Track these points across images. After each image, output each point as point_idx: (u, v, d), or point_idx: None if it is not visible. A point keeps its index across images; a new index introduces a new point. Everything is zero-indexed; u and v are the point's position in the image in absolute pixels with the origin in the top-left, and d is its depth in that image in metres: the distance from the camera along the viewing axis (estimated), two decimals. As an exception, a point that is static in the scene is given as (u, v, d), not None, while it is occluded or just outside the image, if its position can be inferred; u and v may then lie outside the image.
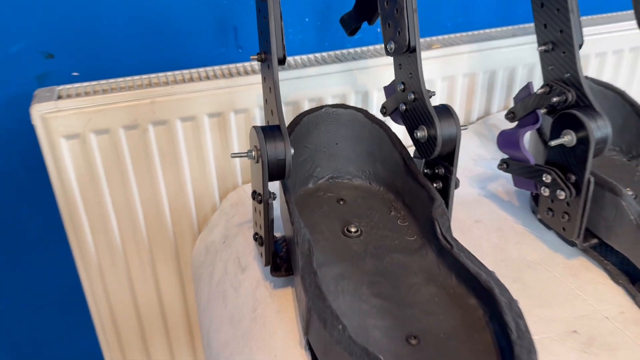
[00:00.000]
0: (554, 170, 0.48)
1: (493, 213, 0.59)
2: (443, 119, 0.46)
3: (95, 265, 0.65)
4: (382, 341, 0.38)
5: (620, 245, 0.47)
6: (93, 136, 0.59)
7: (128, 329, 0.69)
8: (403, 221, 0.51)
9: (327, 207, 0.53)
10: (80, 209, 0.62)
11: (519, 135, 0.50)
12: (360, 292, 0.42)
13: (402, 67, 0.49)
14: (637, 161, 0.57)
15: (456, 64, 0.70)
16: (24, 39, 0.60)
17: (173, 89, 0.60)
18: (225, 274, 0.55)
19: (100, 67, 0.63)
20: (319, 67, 0.65)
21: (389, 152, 0.54)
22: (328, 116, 0.54)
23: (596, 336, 0.44)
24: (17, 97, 0.62)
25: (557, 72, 0.48)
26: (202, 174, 0.65)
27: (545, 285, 0.49)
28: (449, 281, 0.43)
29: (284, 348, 0.43)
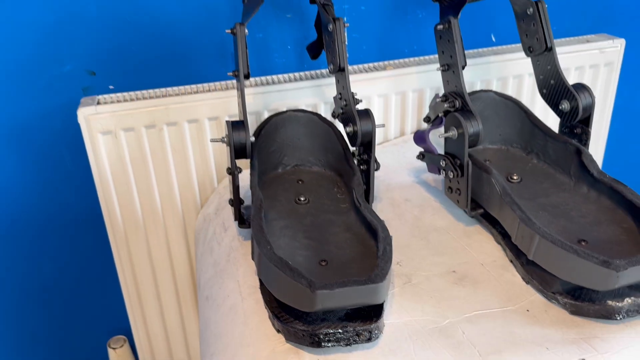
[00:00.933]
0: (447, 157, 0.65)
1: (420, 194, 0.76)
2: (363, 119, 0.64)
3: (121, 233, 0.85)
4: (302, 262, 0.56)
5: (493, 211, 0.64)
6: (122, 133, 0.79)
7: (145, 282, 0.88)
8: (341, 195, 0.69)
9: (288, 185, 0.72)
10: (112, 188, 0.82)
11: (426, 133, 0.68)
12: (296, 236, 0.61)
13: (339, 82, 0.68)
14: (531, 155, 0.73)
15: (407, 82, 0.88)
16: (74, 61, 0.81)
17: (182, 98, 0.80)
18: (214, 234, 0.74)
19: (129, 82, 0.84)
20: (296, 82, 0.84)
21: (335, 145, 0.72)
22: (291, 118, 0.73)
23: (468, 275, 0.60)
24: (68, 104, 0.83)
25: (450, 86, 0.66)
26: (204, 164, 0.84)
27: (443, 243, 0.66)
28: (360, 231, 0.60)
29: (244, 275, 0.62)
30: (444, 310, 0.55)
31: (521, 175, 0.70)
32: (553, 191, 0.67)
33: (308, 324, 0.51)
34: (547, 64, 0.68)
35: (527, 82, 0.92)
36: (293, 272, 0.49)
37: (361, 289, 0.47)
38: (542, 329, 0.52)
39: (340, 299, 0.47)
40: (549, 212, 0.63)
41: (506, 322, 0.53)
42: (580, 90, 0.66)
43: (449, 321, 0.54)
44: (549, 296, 0.56)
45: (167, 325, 0.93)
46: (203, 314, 0.65)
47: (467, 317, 0.54)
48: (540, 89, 0.71)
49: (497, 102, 0.74)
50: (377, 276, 0.48)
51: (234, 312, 0.58)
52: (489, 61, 0.90)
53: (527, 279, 0.58)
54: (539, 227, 0.55)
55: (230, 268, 0.65)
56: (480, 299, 0.57)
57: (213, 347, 0.57)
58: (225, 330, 0.57)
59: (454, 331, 0.52)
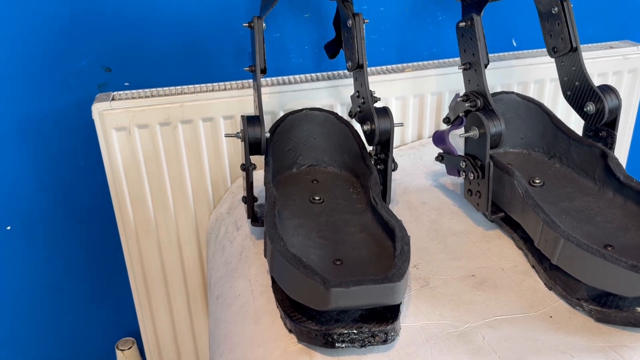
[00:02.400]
0: (467, 158, 0.63)
1: (437, 198, 0.74)
2: (381, 117, 0.63)
3: (132, 231, 0.84)
4: (316, 261, 0.54)
5: (515, 214, 0.61)
6: (136, 129, 0.78)
7: (156, 283, 0.87)
8: (357, 195, 0.67)
9: (303, 184, 0.70)
10: (124, 185, 0.81)
11: (445, 133, 0.66)
12: (310, 235, 0.59)
13: (357, 79, 0.66)
14: (554, 159, 0.71)
15: (426, 85, 0.86)
16: (90, 56, 0.81)
17: (197, 96, 0.79)
18: (226, 233, 0.73)
19: (145, 79, 0.83)
20: (312, 83, 0.83)
21: (352, 144, 0.70)
22: (307, 117, 0.72)
23: (488, 279, 0.58)
24: (84, 100, 0.83)
25: (472, 85, 0.64)
26: (218, 163, 0.83)
27: (462, 247, 0.64)
28: (376, 231, 0.59)
29: (256, 274, 0.60)
30: (463, 315, 0.53)
31: (543, 179, 0.67)
32: (577, 196, 0.64)
33: (321, 324, 0.49)
34: (572, 65, 0.66)
35: (549, 87, 0.90)
36: (307, 268, 0.47)
37: (378, 288, 0.46)
38: (567, 336, 0.50)
39: (356, 298, 0.46)
40: (573, 217, 0.61)
41: (528, 328, 0.51)
42: (607, 92, 0.64)
43: (468, 326, 0.51)
44: (573, 302, 0.53)
45: (176, 328, 0.92)
46: (213, 314, 0.64)
47: (487, 322, 0.52)
48: (564, 91, 0.69)
49: (520, 105, 0.72)
50: (394, 275, 0.46)
51: (245, 311, 0.56)
52: (510, 65, 0.88)
53: (550, 284, 0.56)
54: (564, 230, 0.53)
55: (242, 267, 0.63)
56: (500, 304, 0.54)
57: (222, 347, 0.55)
58: (235, 330, 0.55)
59: (473, 336, 0.50)
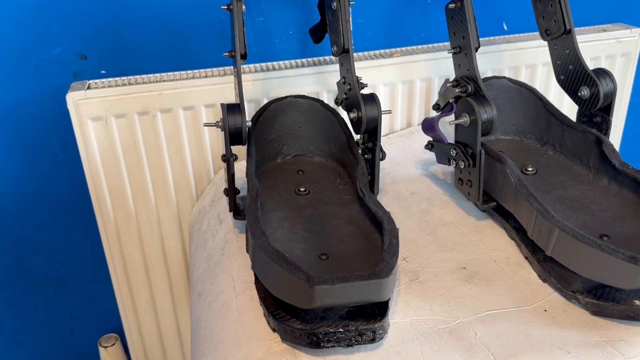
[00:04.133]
0: (458, 145, 0.61)
1: (427, 187, 0.71)
2: (368, 104, 0.60)
3: (112, 225, 0.81)
4: (300, 256, 0.51)
5: (507, 204, 0.59)
6: (113, 119, 0.75)
7: (138, 278, 0.84)
8: (344, 186, 0.65)
9: (288, 175, 0.67)
10: (102, 178, 0.78)
11: (435, 120, 0.64)
12: (295, 229, 0.56)
13: (343, 64, 0.63)
14: (547, 146, 0.69)
15: (415, 70, 0.83)
16: (64, 43, 0.77)
17: (177, 84, 0.76)
18: (208, 226, 0.70)
19: (122, 67, 0.80)
20: (298, 69, 0.80)
21: (339, 133, 0.68)
22: (291, 104, 0.69)
23: (480, 272, 0.56)
24: (58, 89, 0.79)
25: (462, 69, 0.62)
26: (200, 153, 0.80)
27: (452, 238, 0.62)
28: (364, 224, 0.56)
29: (239, 270, 0.58)
30: (454, 310, 0.51)
31: (536, 167, 0.65)
32: (571, 184, 0.62)
33: (306, 322, 0.47)
34: (566, 48, 0.63)
35: (541, 71, 0.88)
36: (290, 265, 0.44)
37: (364, 285, 0.43)
38: (562, 330, 0.48)
39: (342, 295, 0.43)
40: (567, 206, 0.59)
41: (522, 322, 0.49)
42: (602, 76, 0.62)
43: (459, 321, 0.49)
44: (568, 295, 0.51)
45: (161, 323, 0.89)
46: (195, 311, 0.61)
47: (479, 317, 0.50)
48: (558, 75, 0.66)
49: (511, 90, 0.70)
50: (382, 271, 0.44)
51: (227, 309, 0.54)
52: (500, 49, 0.86)
53: (544, 276, 0.54)
54: (558, 221, 0.51)
55: (224, 262, 0.60)
56: (493, 298, 0.52)
57: (203, 346, 0.53)
58: (217, 328, 0.53)
59: (465, 332, 0.48)
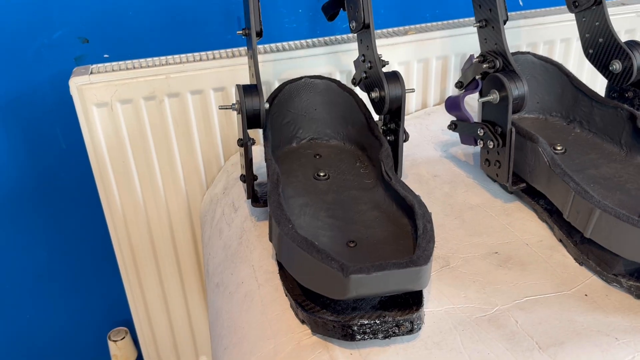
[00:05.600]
0: (486, 124, 0.58)
1: (449, 170, 0.69)
2: (391, 82, 0.57)
3: (120, 215, 0.78)
4: (327, 244, 0.49)
5: (539, 185, 0.57)
6: (119, 105, 0.72)
7: (147, 269, 0.81)
8: (365, 170, 0.62)
9: (305, 160, 0.64)
10: (108, 166, 0.75)
11: (460, 99, 0.61)
12: (318, 215, 0.54)
13: (362, 41, 0.60)
14: (574, 124, 0.66)
15: (430, 48, 0.80)
16: (65, 27, 0.74)
17: (184, 67, 0.73)
18: (222, 215, 0.67)
19: (126, 50, 0.76)
20: (309, 49, 0.76)
21: (357, 115, 0.65)
22: (307, 85, 0.66)
23: (513, 256, 0.54)
24: (60, 75, 0.76)
25: (489, 44, 0.58)
26: (210, 139, 0.77)
27: (481, 221, 0.59)
28: (390, 208, 0.53)
29: (259, 259, 0.55)
30: (490, 297, 0.48)
31: (565, 146, 0.62)
32: (602, 162, 0.60)
33: (337, 313, 0.44)
34: (595, 20, 0.60)
35: (559, 48, 0.85)
36: (321, 253, 0.42)
37: (402, 273, 0.40)
38: (606, 316, 0.45)
39: (378, 284, 0.40)
40: (602, 185, 0.56)
41: (563, 308, 0.47)
42: (635, 48, 0.59)
43: (497, 309, 0.47)
44: (609, 279, 0.49)
45: (171, 315, 0.87)
46: (213, 303, 0.58)
47: (518, 304, 0.47)
48: (586, 49, 0.63)
49: (536, 66, 0.67)
50: (420, 258, 0.41)
51: (250, 301, 0.51)
52: (518, 25, 0.82)
53: (581, 259, 0.51)
54: (599, 201, 0.48)
55: (243, 251, 0.58)
56: (530, 283, 0.50)
57: (227, 340, 0.50)
58: (240, 321, 0.50)
59: (505, 320, 0.45)
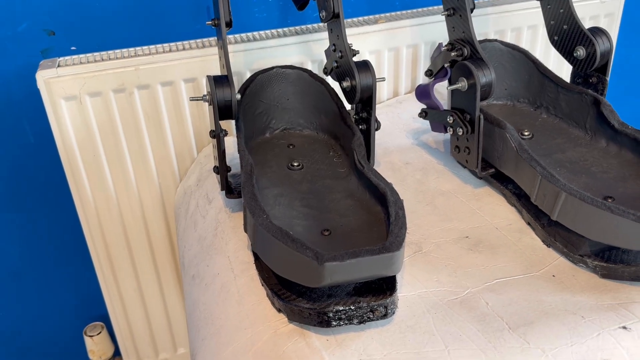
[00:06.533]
0: (455, 112, 0.59)
1: (421, 157, 0.70)
2: (362, 71, 0.58)
3: (92, 210, 0.77)
4: (302, 233, 0.49)
5: (507, 170, 0.58)
6: (88, 98, 0.71)
7: (122, 263, 0.81)
8: (338, 159, 0.62)
9: (279, 150, 0.65)
10: (79, 160, 0.74)
11: (429, 87, 0.61)
12: (293, 204, 0.54)
13: (332, 31, 0.60)
14: (540, 110, 0.68)
15: (400, 37, 0.81)
16: (29, 19, 0.72)
17: (154, 58, 0.72)
18: (197, 207, 0.67)
19: (94, 42, 0.75)
20: (280, 39, 0.76)
21: (329, 104, 0.65)
22: (278, 75, 0.66)
23: (483, 240, 0.55)
24: (26, 68, 0.74)
25: (457, 32, 0.59)
26: (181, 132, 0.77)
27: (452, 207, 0.60)
28: (363, 196, 0.54)
29: (235, 250, 0.55)
30: (461, 280, 0.49)
31: (532, 131, 0.64)
32: (568, 146, 0.61)
33: (313, 301, 0.45)
34: (560, 7, 0.62)
35: (526, 34, 0.86)
36: (296, 243, 0.42)
37: (375, 260, 0.41)
38: (573, 295, 0.47)
39: (352, 271, 0.41)
40: (567, 169, 0.58)
41: (532, 289, 0.48)
42: (598, 35, 0.60)
43: (469, 291, 0.48)
44: (575, 259, 0.50)
45: (148, 308, 0.86)
46: (190, 295, 0.58)
47: (488, 286, 0.49)
48: (551, 36, 0.65)
49: (503, 53, 0.68)
50: (392, 244, 0.42)
51: (227, 292, 0.51)
52: (485, 13, 0.83)
53: (549, 241, 0.53)
54: (564, 184, 0.50)
55: (218, 243, 0.58)
56: (500, 266, 0.51)
57: (204, 331, 0.51)
58: (217, 312, 0.50)
59: (476, 302, 0.47)
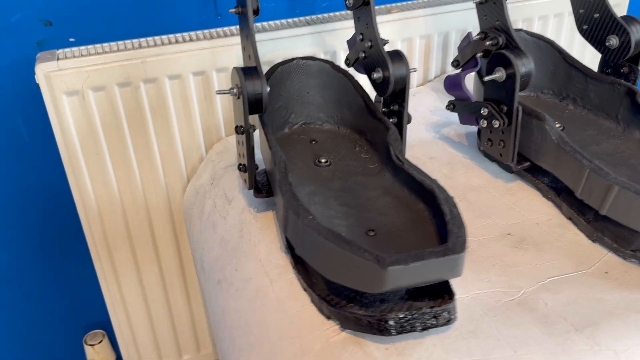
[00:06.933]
0: (490, 104, 0.57)
1: (445, 151, 0.67)
2: (395, 61, 0.55)
3: (95, 211, 0.72)
4: (346, 234, 0.46)
5: (546, 164, 0.56)
6: (91, 93, 0.66)
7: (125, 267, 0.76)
8: (366, 154, 0.59)
9: (301, 146, 0.61)
10: (81, 159, 0.69)
11: (461, 77, 0.59)
12: (329, 203, 0.51)
13: (360, 19, 0.57)
14: (567, 101, 0.66)
15: (413, 27, 0.78)
16: (24, 8, 0.67)
17: (161, 50, 0.68)
18: (214, 207, 0.63)
19: (94, 33, 0.70)
20: (291, 29, 0.73)
21: (353, 97, 0.62)
22: (299, 67, 0.62)
23: (526, 237, 0.53)
24: (19, 62, 0.69)
25: (490, 20, 0.57)
26: (189, 128, 0.73)
27: (486, 202, 0.58)
28: (402, 193, 0.51)
29: (267, 253, 0.52)
30: (513, 279, 0.47)
31: (562, 123, 0.62)
32: (601, 138, 0.60)
33: (366, 307, 0.42)
34: (591, -5, 0.60)
35: (552, 22, 0.84)
36: (351, 245, 0.39)
37: (440, 262, 0.39)
38: (631, 293, 0.45)
39: (416, 275, 0.38)
40: (606, 162, 0.56)
41: (587, 287, 0.46)
42: (632, 23, 0.59)
43: (524, 291, 0.46)
44: (626, 255, 0.49)
45: (152, 315, 0.82)
46: (215, 301, 0.55)
47: (543, 285, 0.46)
48: (580, 25, 0.63)
49: (528, 43, 0.66)
50: (456, 245, 0.39)
51: (263, 298, 0.48)
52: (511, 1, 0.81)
53: (595, 237, 0.51)
54: (615, 177, 0.48)
55: (245, 245, 0.54)
56: (549, 263, 0.49)
57: (241, 341, 0.47)
58: (255, 320, 0.47)
59: (534, 303, 0.45)
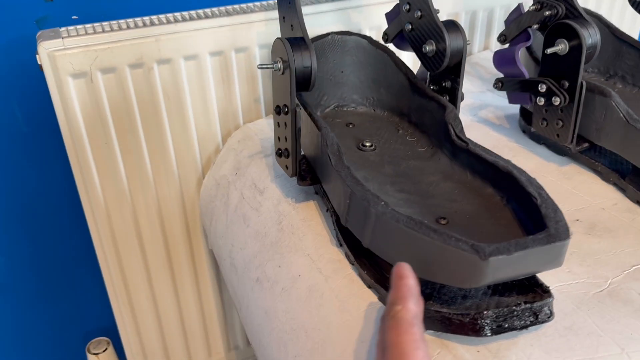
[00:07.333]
0: (549, 79, 0.52)
1: (487, 135, 0.63)
2: (451, 32, 0.50)
3: (101, 206, 0.66)
4: (416, 223, 0.41)
5: (610, 143, 0.52)
6: (99, 75, 0.60)
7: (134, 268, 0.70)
8: (412, 137, 0.54)
9: (339, 130, 0.56)
10: (87, 148, 0.62)
11: (514, 52, 0.54)
12: (385, 189, 0.46)
13: (407, -12, 0.52)
14: (614, 79, 0.62)
15: (440, 5, 0.73)
16: (22, -19, 0.60)
17: (177, 27, 0.61)
18: (243, 199, 0.58)
19: (99, 9, 0.64)
20: (313, 5, 0.67)
21: (394, 75, 0.57)
22: (334, 43, 0.57)
23: (596, 222, 0.48)
24: (17, 41, 0.62)
25: (548, -11, 0.52)
26: (205, 115, 0.67)
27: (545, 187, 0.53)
28: (464, 177, 0.46)
29: (316, 247, 0.46)
30: (596, 269, 0.43)
31: (614, 103, 0.58)
32: (660, 117, 0.56)
33: (447, 304, 0.37)
34: (647, -36, 0.56)
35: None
36: (441, 234, 0.34)
37: (544, 250, 0.34)
38: None
39: (518, 266, 0.34)
40: (672, 141, 0.52)
41: (678, 276, 0.42)
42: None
43: (611, 281, 0.41)
44: None
45: (162, 321, 0.76)
46: (254, 302, 0.49)
47: (629, 274, 0.42)
48: None
49: (575, 17, 0.62)
50: (559, 232, 0.35)
51: (319, 297, 0.42)
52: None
53: (672, 221, 0.47)
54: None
55: (287, 239, 0.49)
56: (628, 250, 0.45)
57: (296, 346, 0.42)
58: (311, 322, 0.41)
59: (626, 293, 0.40)
